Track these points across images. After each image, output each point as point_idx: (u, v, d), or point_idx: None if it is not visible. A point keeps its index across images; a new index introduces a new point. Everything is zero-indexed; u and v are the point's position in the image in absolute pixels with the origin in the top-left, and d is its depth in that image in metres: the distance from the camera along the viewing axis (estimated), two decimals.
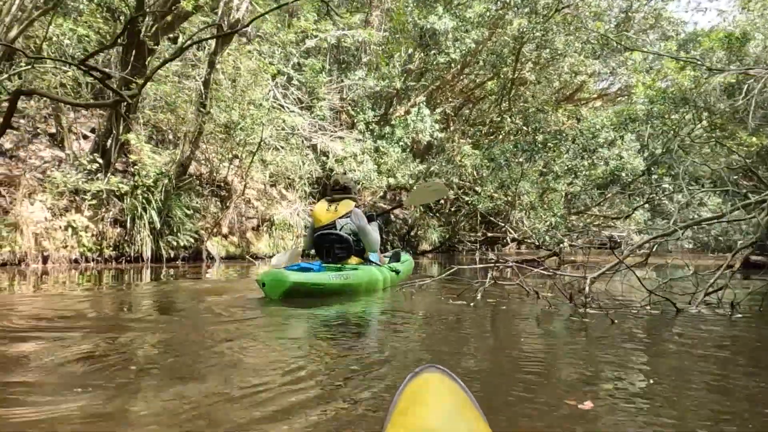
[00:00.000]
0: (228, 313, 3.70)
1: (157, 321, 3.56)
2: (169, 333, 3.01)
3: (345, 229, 4.67)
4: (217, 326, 3.18)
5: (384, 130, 12.18)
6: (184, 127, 8.58)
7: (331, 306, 4.06)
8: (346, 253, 4.75)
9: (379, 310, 4.19)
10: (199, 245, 9.45)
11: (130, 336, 2.86)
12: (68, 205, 7.78)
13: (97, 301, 4.55)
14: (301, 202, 11.79)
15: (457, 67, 13.26)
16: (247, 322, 3.43)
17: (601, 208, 12.69)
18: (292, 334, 3.13)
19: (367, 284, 4.63)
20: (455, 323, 3.39)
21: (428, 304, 4.30)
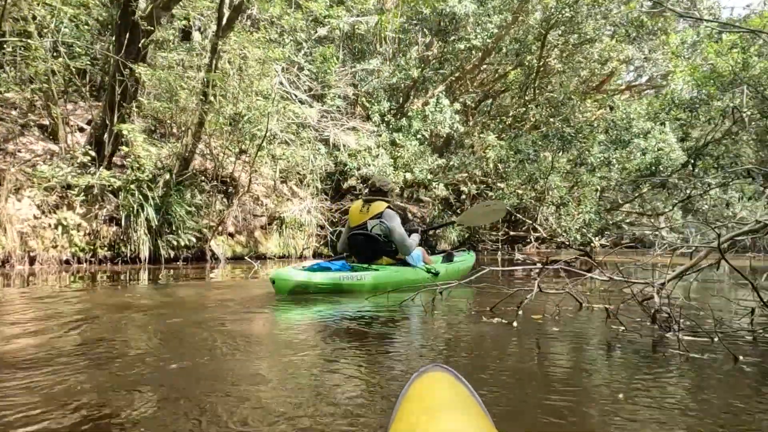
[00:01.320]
0: (228, 316, 3.44)
1: (145, 326, 3.06)
2: (159, 340, 2.69)
3: (375, 229, 4.70)
4: (215, 328, 2.97)
5: (400, 122, 11.44)
6: (184, 116, 7.94)
7: (338, 306, 3.92)
8: (376, 254, 4.80)
9: (377, 313, 3.63)
10: (202, 245, 8.82)
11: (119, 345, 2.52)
12: (59, 202, 7.19)
13: (83, 305, 3.91)
14: (313, 198, 11.11)
15: (478, 56, 12.45)
16: (247, 324, 3.26)
17: (632, 205, 11.76)
18: (292, 336, 2.91)
19: (386, 285, 4.49)
20: (488, 353, 2.46)
21: (449, 314, 3.58)
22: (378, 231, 4.69)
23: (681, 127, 7.93)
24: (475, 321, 3.21)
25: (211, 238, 8.95)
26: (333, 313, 3.68)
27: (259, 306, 3.90)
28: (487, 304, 3.75)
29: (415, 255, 5.02)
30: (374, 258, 4.84)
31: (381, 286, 4.49)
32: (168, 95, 7.55)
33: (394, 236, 4.68)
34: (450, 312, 3.67)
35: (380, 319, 3.35)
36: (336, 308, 3.87)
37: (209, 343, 2.55)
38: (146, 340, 2.68)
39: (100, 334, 2.73)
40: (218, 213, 9.42)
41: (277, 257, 10.57)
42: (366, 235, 4.75)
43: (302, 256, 11.15)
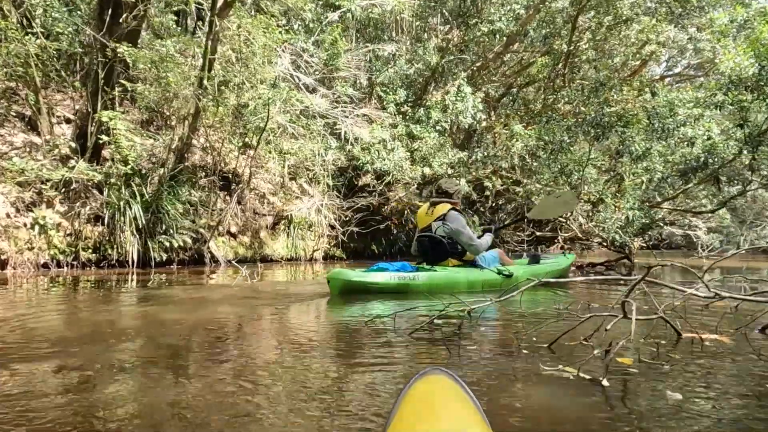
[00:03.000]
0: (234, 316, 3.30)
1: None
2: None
3: (439, 231, 4.74)
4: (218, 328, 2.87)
5: (418, 113, 10.52)
6: (176, 103, 7.14)
7: (384, 305, 3.85)
8: (442, 255, 4.81)
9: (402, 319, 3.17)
10: (200, 247, 8.03)
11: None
12: (36, 199, 6.45)
13: (52, 323, 3.10)
14: (323, 196, 10.25)
15: (502, 41, 11.47)
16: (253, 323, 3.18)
17: (673, 202, 10.66)
18: (298, 337, 2.70)
19: (441, 286, 4.46)
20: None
21: (482, 344, 2.65)
22: (441, 233, 4.71)
23: (741, 111, 6.90)
24: (526, 370, 1.96)
25: (210, 239, 8.16)
26: (353, 314, 3.55)
27: (253, 316, 3.50)
28: (545, 335, 2.55)
29: (488, 256, 4.97)
30: (440, 260, 4.85)
31: (436, 287, 4.44)
32: (158, 80, 6.74)
33: (460, 238, 4.65)
34: (484, 341, 2.61)
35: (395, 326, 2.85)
36: (371, 308, 3.78)
37: (200, 345, 2.43)
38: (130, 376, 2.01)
39: (76, 365, 2.07)
40: (219, 212, 8.63)
41: (284, 260, 9.75)
42: (430, 237, 4.80)
43: (312, 258, 10.32)
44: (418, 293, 4.36)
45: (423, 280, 4.42)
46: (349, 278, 4.26)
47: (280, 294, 4.86)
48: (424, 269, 4.60)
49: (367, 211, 10.91)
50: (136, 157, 6.41)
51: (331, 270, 4.47)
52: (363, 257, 11.88)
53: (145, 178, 6.96)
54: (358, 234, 10.88)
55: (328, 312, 3.82)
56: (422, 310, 3.41)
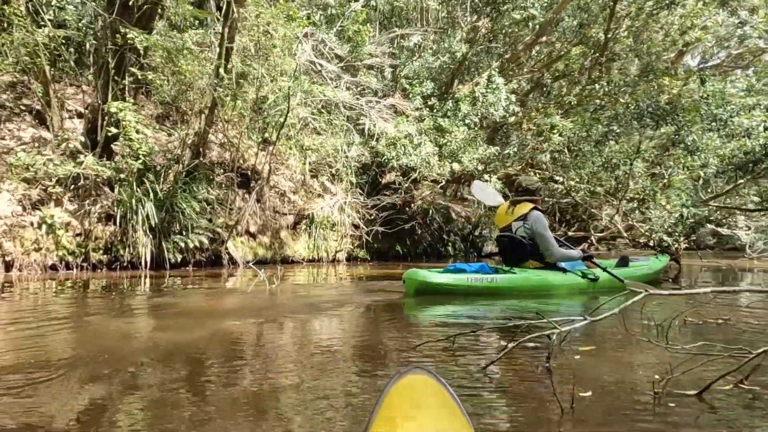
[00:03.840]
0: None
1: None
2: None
3: (519, 231, 4.58)
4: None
5: (446, 105, 9.94)
6: (191, 94, 6.71)
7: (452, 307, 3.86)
8: (522, 257, 4.63)
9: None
10: (217, 247, 7.59)
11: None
12: (44, 197, 6.07)
13: (61, 331, 2.67)
14: (347, 194, 9.75)
15: (535, 29, 10.82)
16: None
17: (722, 199, 9.86)
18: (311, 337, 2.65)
19: (521, 288, 4.35)
20: None
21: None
22: (522, 233, 4.56)
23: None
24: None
25: (228, 239, 7.71)
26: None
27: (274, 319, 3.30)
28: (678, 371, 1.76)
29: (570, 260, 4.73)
30: (520, 261, 4.68)
31: (516, 290, 4.31)
32: (174, 72, 6.31)
33: (540, 240, 4.48)
34: (599, 382, 1.86)
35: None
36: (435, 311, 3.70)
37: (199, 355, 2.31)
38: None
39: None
40: (237, 210, 8.19)
41: (305, 261, 9.27)
42: (510, 238, 4.66)
43: (335, 259, 9.82)
44: (496, 296, 4.23)
45: (502, 283, 4.29)
46: (426, 279, 4.16)
47: (312, 301, 4.37)
48: (504, 271, 4.46)
49: (392, 210, 10.39)
50: (147, 151, 5.97)
51: (408, 270, 4.38)
52: (387, 258, 11.36)
53: (159, 174, 6.54)
54: (383, 234, 10.36)
55: (397, 321, 3.40)
56: (490, 319, 2.88)
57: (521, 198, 4.74)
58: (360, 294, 4.95)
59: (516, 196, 4.81)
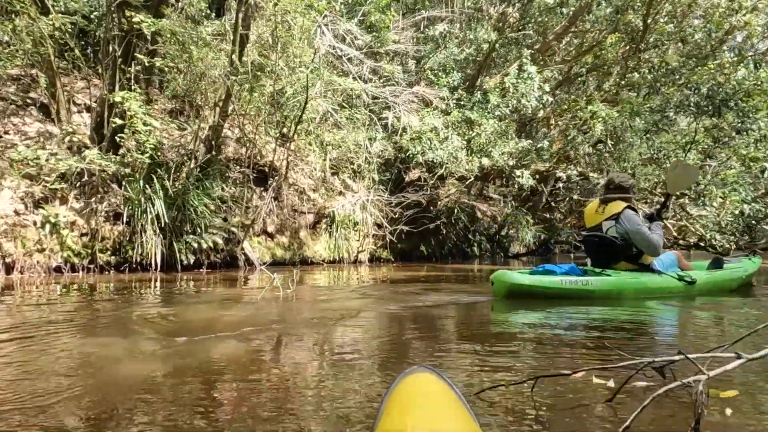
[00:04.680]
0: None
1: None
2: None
3: (611, 231, 4.37)
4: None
5: (474, 97, 9.36)
6: (203, 83, 6.27)
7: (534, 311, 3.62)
8: (612, 258, 4.41)
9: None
10: (233, 248, 7.16)
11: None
12: (49, 194, 5.69)
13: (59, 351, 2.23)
14: (369, 191, 9.24)
15: (567, 16, 10.17)
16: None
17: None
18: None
19: (618, 292, 4.15)
20: None
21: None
22: (614, 233, 4.34)
23: None
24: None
25: (244, 239, 7.27)
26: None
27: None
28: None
29: (665, 259, 4.57)
30: (610, 263, 4.45)
31: (612, 293, 4.13)
32: (185, 61, 5.88)
33: (636, 239, 4.23)
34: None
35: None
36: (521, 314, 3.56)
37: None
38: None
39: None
40: (254, 209, 7.75)
41: (326, 262, 8.79)
42: (600, 238, 4.44)
43: (357, 260, 9.33)
44: (591, 299, 4.03)
45: (597, 286, 4.10)
46: (515, 281, 4.04)
47: (341, 309, 3.86)
48: (594, 273, 4.29)
49: (417, 208, 9.86)
50: (154, 144, 5.54)
51: (496, 271, 4.23)
52: (411, 259, 10.83)
53: (169, 170, 6.11)
54: (406, 234, 9.84)
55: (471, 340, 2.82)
56: (592, 340, 2.31)
57: (613, 196, 4.47)
58: (396, 301, 4.43)
59: (607, 194, 4.54)
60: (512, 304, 4.02)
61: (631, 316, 3.58)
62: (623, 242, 4.32)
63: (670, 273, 4.40)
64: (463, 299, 4.41)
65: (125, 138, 5.40)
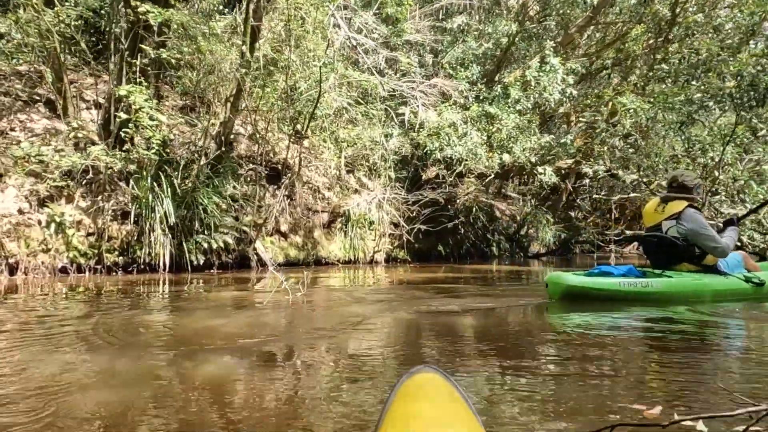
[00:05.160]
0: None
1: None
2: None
3: (671, 232, 4.22)
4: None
5: (494, 91, 9.01)
6: (212, 78, 6.03)
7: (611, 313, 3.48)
8: (673, 259, 4.27)
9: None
10: (244, 248, 6.92)
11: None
12: (54, 193, 5.50)
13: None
14: (385, 190, 8.94)
15: (591, 6, 9.76)
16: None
17: None
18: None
19: (680, 295, 3.96)
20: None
21: None
22: (674, 234, 4.19)
23: None
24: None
25: (257, 238, 7.03)
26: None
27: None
28: None
29: (731, 260, 4.34)
30: (671, 264, 4.30)
31: (673, 296, 3.97)
32: (190, 48, 5.64)
33: (701, 240, 4.05)
34: None
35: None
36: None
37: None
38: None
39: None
40: (267, 208, 7.50)
41: (341, 262, 8.51)
42: (660, 238, 4.30)
43: (372, 260, 9.04)
44: (651, 302, 3.88)
45: (659, 288, 3.93)
46: (571, 282, 3.92)
47: (357, 316, 3.58)
48: (654, 274, 4.14)
49: (435, 207, 9.54)
50: (161, 139, 5.31)
51: (550, 273, 4.16)
52: (428, 259, 10.51)
53: (178, 167, 5.89)
54: (423, 234, 9.52)
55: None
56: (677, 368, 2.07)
57: (675, 195, 4.31)
58: (429, 305, 4.12)
59: (669, 192, 4.38)
60: (569, 308, 3.85)
61: (703, 325, 3.29)
62: (685, 242, 4.17)
63: (736, 274, 4.19)
64: (514, 302, 4.17)
65: (130, 133, 5.17)
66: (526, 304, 4.11)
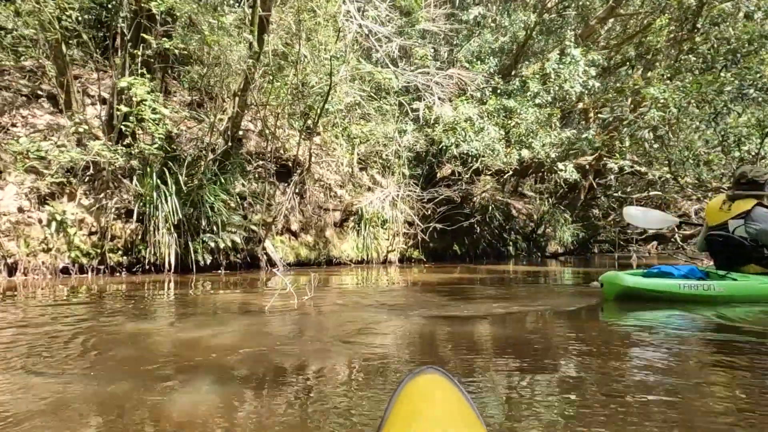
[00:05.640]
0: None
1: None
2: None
3: (738, 231, 3.99)
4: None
5: (512, 84, 8.67)
6: (218, 69, 5.79)
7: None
8: (740, 260, 4.02)
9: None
10: (253, 247, 6.68)
11: None
12: (56, 190, 5.29)
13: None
14: (399, 187, 8.65)
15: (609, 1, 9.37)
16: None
17: None
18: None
19: (745, 298, 3.72)
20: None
21: None
22: (742, 233, 4.02)
23: None
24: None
25: (266, 238, 6.78)
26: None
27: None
28: None
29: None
30: (737, 265, 4.11)
31: (738, 300, 3.78)
32: (193, 36, 5.40)
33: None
34: None
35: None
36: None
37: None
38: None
39: None
40: (277, 206, 7.25)
41: (353, 262, 8.24)
42: (726, 238, 4.13)
43: (386, 260, 8.75)
44: (713, 306, 3.65)
45: (721, 291, 3.76)
46: (628, 283, 3.80)
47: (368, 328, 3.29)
48: (718, 276, 3.99)
49: (450, 204, 9.23)
50: (164, 134, 5.08)
51: (605, 273, 4.05)
52: (444, 259, 10.20)
53: (183, 163, 5.66)
54: (439, 233, 9.21)
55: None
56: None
57: (744, 192, 4.09)
58: (460, 309, 3.83)
59: (738, 190, 4.15)
60: (624, 310, 3.69)
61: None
62: (753, 243, 3.98)
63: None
64: (565, 306, 3.99)
65: (131, 127, 4.94)
66: (578, 306, 3.94)
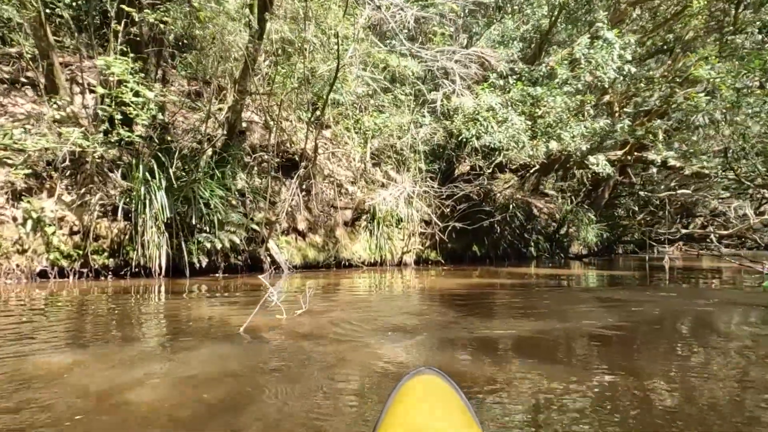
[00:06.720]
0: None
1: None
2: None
3: None
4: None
5: (537, 71, 7.99)
6: (213, 49, 5.22)
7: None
8: None
9: None
10: (255, 248, 6.09)
11: None
12: (35, 185, 4.76)
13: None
14: (414, 183, 8.01)
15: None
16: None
17: None
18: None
19: None
20: None
21: None
22: None
23: None
24: None
25: (269, 238, 6.19)
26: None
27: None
28: None
29: None
30: None
31: None
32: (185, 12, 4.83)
33: None
34: None
35: None
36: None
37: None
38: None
39: None
40: (282, 203, 6.66)
41: (365, 264, 7.62)
42: None
43: (401, 262, 8.12)
44: None
45: None
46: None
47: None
48: None
49: (470, 201, 8.57)
50: (148, 119, 4.51)
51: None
52: (462, 261, 9.54)
53: (174, 155, 5.09)
54: (458, 233, 8.55)
55: None
56: None
57: None
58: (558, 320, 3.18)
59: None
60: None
61: None
62: None
63: None
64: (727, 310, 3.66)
65: (108, 111, 4.38)
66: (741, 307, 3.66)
